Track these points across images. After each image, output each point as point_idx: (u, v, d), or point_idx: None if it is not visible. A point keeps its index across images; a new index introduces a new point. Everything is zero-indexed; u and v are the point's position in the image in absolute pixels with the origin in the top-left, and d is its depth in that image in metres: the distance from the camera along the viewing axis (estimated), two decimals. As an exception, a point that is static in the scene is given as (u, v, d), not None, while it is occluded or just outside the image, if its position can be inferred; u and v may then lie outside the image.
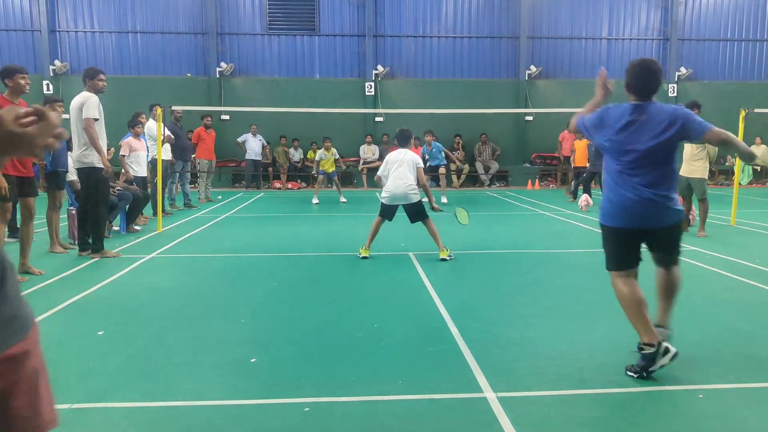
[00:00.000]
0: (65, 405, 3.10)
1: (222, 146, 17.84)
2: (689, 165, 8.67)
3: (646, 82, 3.68)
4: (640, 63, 3.76)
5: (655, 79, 3.70)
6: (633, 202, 3.57)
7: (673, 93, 19.33)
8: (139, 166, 9.62)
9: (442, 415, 3.01)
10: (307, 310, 4.87)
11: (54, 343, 4.06)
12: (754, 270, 6.33)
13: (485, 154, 18.35)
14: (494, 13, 19.13)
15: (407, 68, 19.07)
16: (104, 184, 6.86)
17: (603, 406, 3.09)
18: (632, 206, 3.58)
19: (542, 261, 6.90)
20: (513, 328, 4.38)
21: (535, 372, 3.54)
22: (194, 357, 3.79)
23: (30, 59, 17.96)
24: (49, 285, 5.70)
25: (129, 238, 8.39)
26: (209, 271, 6.33)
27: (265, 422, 2.94)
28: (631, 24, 19.37)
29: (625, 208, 3.61)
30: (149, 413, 3.03)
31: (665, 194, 3.58)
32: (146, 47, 18.48)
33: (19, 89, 5.81)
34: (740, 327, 4.41)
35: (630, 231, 3.68)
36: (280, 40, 18.79)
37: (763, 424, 2.92)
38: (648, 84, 3.68)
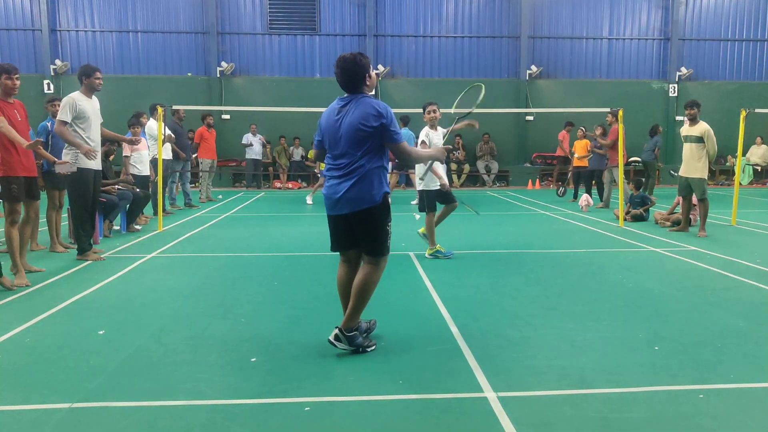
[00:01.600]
0: (66, 404, 3.10)
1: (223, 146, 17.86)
2: (689, 165, 8.67)
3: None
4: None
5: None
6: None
7: (673, 93, 19.35)
8: (142, 165, 9.62)
9: (443, 414, 3.01)
10: (307, 310, 4.88)
11: (55, 342, 4.07)
12: (754, 270, 6.33)
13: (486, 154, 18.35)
14: (495, 13, 19.14)
15: (408, 68, 19.07)
16: (80, 186, 6.64)
17: (603, 406, 3.09)
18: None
19: (542, 261, 6.90)
20: (513, 328, 4.38)
21: (536, 372, 3.54)
22: (195, 356, 3.80)
23: (31, 58, 18.00)
24: (50, 284, 5.71)
25: (129, 238, 8.40)
26: (210, 271, 6.33)
27: (266, 421, 2.94)
28: (631, 24, 19.36)
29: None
30: (150, 412, 3.03)
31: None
32: (147, 46, 18.50)
33: (8, 90, 5.77)
34: (741, 327, 4.41)
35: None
36: (281, 39, 18.80)
37: (764, 425, 2.92)
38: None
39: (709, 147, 8.50)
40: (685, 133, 8.79)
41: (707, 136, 8.49)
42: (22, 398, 3.19)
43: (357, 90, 3.89)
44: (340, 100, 3.94)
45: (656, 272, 6.26)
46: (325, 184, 4.00)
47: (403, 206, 12.56)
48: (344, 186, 3.84)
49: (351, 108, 3.84)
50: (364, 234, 3.92)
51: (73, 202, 6.76)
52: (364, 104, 3.83)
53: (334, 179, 3.90)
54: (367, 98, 3.90)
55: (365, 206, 3.85)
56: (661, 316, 4.70)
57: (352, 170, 3.84)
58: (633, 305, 5.00)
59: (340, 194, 3.85)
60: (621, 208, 9.86)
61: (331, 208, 3.98)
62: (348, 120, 3.82)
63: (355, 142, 3.81)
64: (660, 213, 10.02)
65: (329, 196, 3.94)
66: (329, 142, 3.94)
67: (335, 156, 3.92)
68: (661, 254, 7.28)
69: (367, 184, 3.85)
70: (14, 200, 5.75)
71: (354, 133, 3.79)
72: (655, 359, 3.76)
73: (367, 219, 3.89)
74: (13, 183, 5.74)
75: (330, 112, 3.98)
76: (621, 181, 10.07)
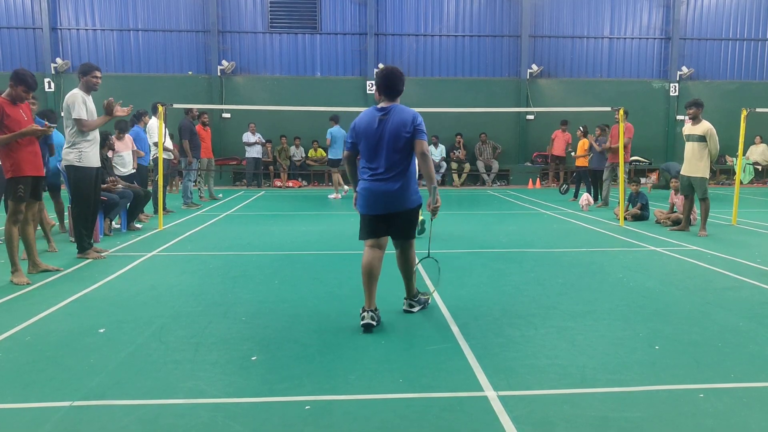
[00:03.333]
0: (66, 402, 3.10)
1: (223, 144, 17.87)
2: (691, 164, 8.66)
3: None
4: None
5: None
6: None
7: (674, 92, 19.33)
8: (124, 167, 9.55)
9: (443, 413, 3.01)
10: (308, 309, 4.88)
11: (55, 340, 4.07)
12: (755, 269, 6.33)
13: (486, 153, 18.35)
14: (496, 12, 19.12)
15: (408, 67, 19.04)
16: (82, 185, 6.63)
17: (604, 405, 3.09)
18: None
19: (543, 260, 6.90)
20: (514, 327, 4.38)
21: (536, 371, 3.55)
22: (195, 355, 3.80)
23: (31, 57, 17.98)
24: (50, 282, 5.71)
25: (130, 236, 8.40)
26: (210, 269, 6.33)
27: (266, 420, 2.94)
28: (632, 23, 19.34)
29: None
30: (150, 411, 3.03)
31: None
32: (148, 45, 18.49)
33: (18, 97, 5.76)
34: (741, 326, 4.41)
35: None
36: (282, 38, 18.79)
37: (764, 424, 2.91)
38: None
39: (712, 146, 8.49)
40: (687, 132, 8.77)
41: (710, 135, 8.48)
42: (23, 396, 3.19)
43: (395, 97, 4.47)
44: (378, 110, 4.41)
45: (657, 271, 6.26)
46: (366, 185, 4.42)
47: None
48: (389, 187, 4.34)
49: (391, 116, 4.35)
50: (405, 226, 4.55)
51: (74, 201, 6.76)
52: (402, 112, 4.37)
53: (378, 182, 4.36)
54: (401, 106, 4.45)
55: (409, 207, 4.44)
56: (662, 315, 4.70)
57: (395, 173, 4.34)
58: (633, 304, 5.00)
59: (386, 195, 4.35)
60: (621, 207, 9.86)
61: (373, 208, 4.42)
62: (390, 127, 4.32)
63: (397, 147, 4.30)
64: (661, 211, 10.02)
65: (373, 196, 4.38)
66: (369, 147, 4.38)
67: (376, 159, 4.37)
68: (662, 253, 7.28)
69: (408, 185, 4.41)
70: (20, 200, 5.74)
71: (396, 139, 4.30)
72: (655, 358, 3.76)
73: (409, 215, 4.51)
74: (20, 183, 5.71)
75: (370, 120, 4.41)
76: (621, 180, 10.07)
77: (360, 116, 4.49)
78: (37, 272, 6.03)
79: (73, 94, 6.51)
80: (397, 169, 4.34)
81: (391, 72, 4.47)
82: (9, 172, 5.67)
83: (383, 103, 4.47)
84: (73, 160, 6.54)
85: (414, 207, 4.49)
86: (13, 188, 5.70)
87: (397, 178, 4.34)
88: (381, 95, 4.50)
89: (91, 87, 6.67)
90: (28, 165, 5.75)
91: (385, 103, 4.46)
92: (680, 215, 9.43)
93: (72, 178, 6.63)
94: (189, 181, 12.18)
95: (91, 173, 6.68)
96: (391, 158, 4.33)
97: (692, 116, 8.65)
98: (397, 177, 4.34)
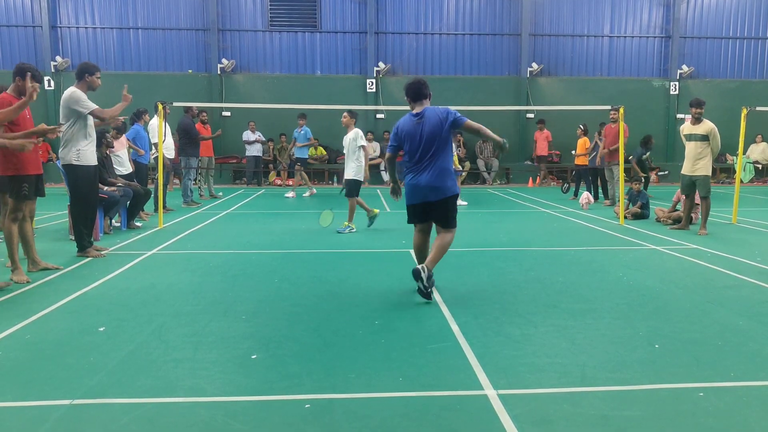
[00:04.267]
0: (66, 401, 3.10)
1: (223, 143, 17.84)
2: (693, 163, 8.63)
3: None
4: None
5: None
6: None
7: (674, 91, 19.32)
8: (122, 166, 9.53)
9: (443, 412, 3.01)
10: (308, 307, 4.87)
11: (55, 338, 4.07)
12: (755, 268, 6.33)
13: (486, 152, 18.35)
14: (496, 11, 19.11)
15: (408, 65, 19.05)
16: (82, 183, 6.63)
17: (604, 404, 3.09)
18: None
19: (543, 258, 6.89)
20: (514, 326, 4.38)
21: (536, 369, 3.55)
22: (195, 353, 3.80)
23: (31, 55, 17.96)
24: (50, 281, 5.71)
25: (130, 235, 8.40)
26: (210, 268, 6.33)
27: (266, 419, 2.94)
28: (633, 22, 19.33)
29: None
30: (150, 409, 3.03)
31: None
32: (147, 43, 18.48)
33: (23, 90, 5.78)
34: (741, 325, 4.41)
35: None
36: (282, 36, 18.78)
37: (764, 423, 2.91)
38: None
39: (714, 146, 8.47)
40: (688, 132, 8.73)
41: (713, 135, 8.45)
42: (23, 395, 3.19)
43: (424, 101, 5.22)
44: (414, 116, 5.17)
45: (657, 270, 6.26)
46: (410, 180, 5.16)
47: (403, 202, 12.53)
48: (430, 180, 5.03)
49: (426, 119, 5.08)
50: (444, 213, 5.15)
51: (74, 200, 6.75)
52: (433, 112, 5.10)
53: (422, 174, 5.07)
54: (432, 107, 5.17)
55: (449, 194, 5.10)
56: (662, 314, 4.70)
57: (433, 168, 5.03)
58: (633, 303, 5.00)
59: (427, 187, 5.04)
60: (621, 206, 9.86)
61: (418, 198, 5.14)
62: (427, 129, 5.04)
63: (435, 145, 5.02)
64: (661, 210, 10.02)
65: (416, 189, 5.11)
66: (411, 147, 5.13)
67: (419, 156, 5.08)
68: (662, 252, 7.28)
69: (448, 176, 5.09)
70: (24, 199, 5.72)
71: (433, 138, 5.02)
72: (655, 357, 3.76)
73: (448, 203, 5.13)
74: (24, 182, 5.70)
75: (410, 124, 5.16)
76: (621, 179, 10.07)
77: (401, 123, 5.23)
78: (36, 270, 6.03)
79: (75, 90, 6.49)
80: (436, 164, 5.03)
81: (415, 82, 5.27)
82: (11, 171, 5.65)
83: (416, 108, 5.20)
84: (72, 159, 6.52)
85: (451, 195, 5.11)
86: (17, 187, 5.68)
87: (436, 172, 5.02)
88: (412, 102, 5.24)
89: (93, 87, 6.67)
90: (30, 163, 5.75)
91: (418, 108, 5.19)
92: (681, 214, 9.43)
93: (71, 177, 6.62)
94: (189, 180, 12.18)
95: (90, 171, 6.68)
96: (429, 155, 5.03)
97: (698, 116, 8.59)
98: (435, 171, 5.02)
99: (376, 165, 18.26)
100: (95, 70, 6.66)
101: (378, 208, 9.55)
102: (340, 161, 18.52)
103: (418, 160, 5.10)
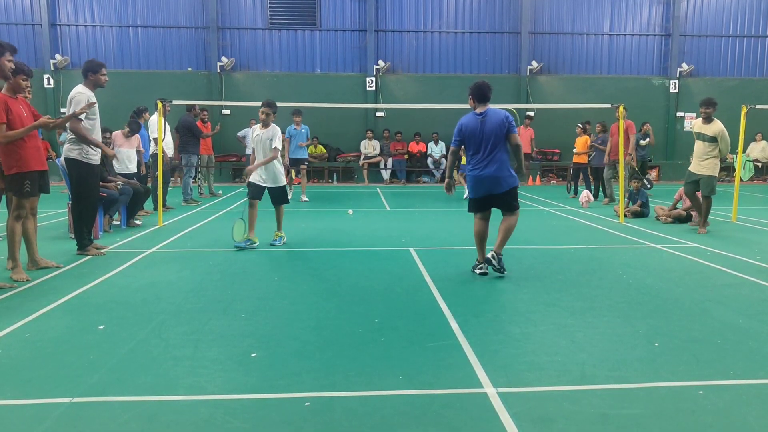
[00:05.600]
0: (66, 399, 3.10)
1: (223, 141, 17.84)
2: (700, 162, 8.60)
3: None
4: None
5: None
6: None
7: (674, 89, 19.31)
8: (119, 164, 9.50)
9: (443, 410, 3.01)
10: (307, 305, 4.88)
11: (55, 337, 4.07)
12: (754, 266, 6.33)
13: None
14: (496, 9, 19.10)
15: (408, 63, 19.04)
16: (86, 181, 6.61)
17: (603, 402, 3.09)
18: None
19: (543, 257, 6.90)
20: (514, 324, 4.38)
21: (536, 367, 3.55)
22: (195, 351, 3.80)
23: (31, 53, 17.96)
24: (50, 279, 5.71)
25: (130, 233, 8.40)
26: (210, 266, 6.33)
27: (266, 417, 2.94)
28: (633, 20, 19.32)
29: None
30: (150, 407, 3.03)
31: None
32: (147, 41, 18.47)
33: (18, 89, 5.77)
34: (741, 323, 4.41)
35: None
36: (281, 34, 18.76)
37: (763, 421, 2.92)
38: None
39: (723, 147, 8.44)
40: (697, 131, 8.68)
41: (721, 137, 8.41)
42: (23, 393, 3.19)
43: (486, 102, 5.81)
44: (477, 114, 5.77)
45: (656, 268, 6.26)
46: (474, 174, 5.79)
47: (404, 201, 12.56)
48: (496, 172, 5.69)
49: (488, 118, 5.73)
50: (509, 201, 5.87)
51: (77, 197, 6.74)
52: (496, 113, 5.77)
53: (487, 168, 5.71)
54: (493, 108, 5.82)
55: (514, 185, 5.83)
56: (661, 312, 4.71)
57: (494, 162, 5.70)
58: (633, 301, 5.01)
59: (489, 179, 5.72)
60: (621, 205, 9.86)
61: (482, 190, 5.80)
62: (489, 127, 5.69)
63: (496, 142, 5.69)
64: (661, 208, 10.02)
65: (480, 181, 5.76)
66: (474, 144, 5.76)
67: (482, 152, 5.72)
68: (662, 250, 7.28)
69: (506, 168, 5.77)
70: (27, 196, 5.71)
71: (494, 136, 5.68)
72: (655, 355, 3.76)
73: (512, 192, 5.85)
74: (27, 179, 5.68)
75: (473, 123, 5.77)
76: (621, 177, 10.06)
77: (464, 120, 5.82)
78: (36, 269, 6.02)
79: (80, 92, 6.47)
80: (495, 158, 5.69)
81: (481, 85, 5.84)
82: (14, 168, 5.63)
83: (479, 108, 5.79)
84: (79, 156, 6.53)
85: (512, 187, 5.82)
86: (20, 184, 5.67)
87: (496, 164, 5.68)
88: (476, 102, 5.81)
89: (99, 84, 6.65)
90: (33, 160, 5.73)
91: (481, 108, 5.78)
92: (682, 212, 9.42)
93: (75, 175, 6.61)
94: (189, 178, 12.18)
95: (95, 170, 6.70)
96: (489, 150, 5.68)
97: (707, 116, 8.53)
98: (496, 164, 5.68)
99: (376, 163, 18.28)
100: (99, 67, 6.63)
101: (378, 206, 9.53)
102: (340, 159, 18.56)
103: (480, 155, 5.72)
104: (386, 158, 18.20)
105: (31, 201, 5.90)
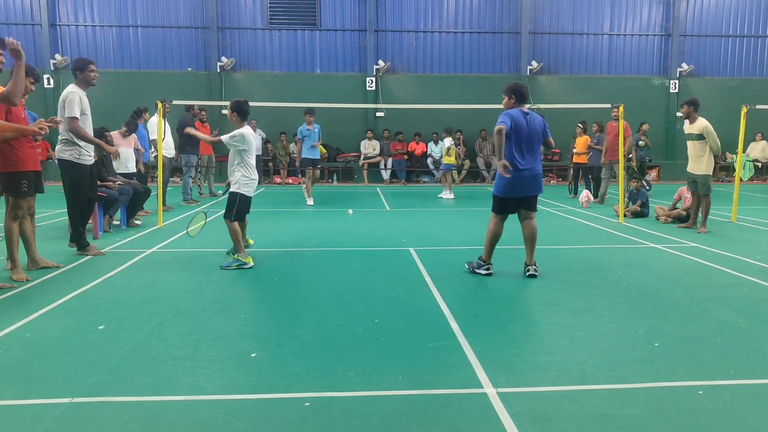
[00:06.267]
0: (66, 399, 3.10)
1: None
2: (693, 162, 8.63)
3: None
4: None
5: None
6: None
7: (674, 89, 19.31)
8: (118, 163, 9.48)
9: (443, 410, 3.01)
10: (307, 305, 4.88)
11: (54, 337, 4.07)
12: (754, 266, 6.33)
13: (486, 150, 18.34)
14: (496, 9, 19.09)
15: (408, 63, 19.03)
16: (78, 182, 6.59)
17: (603, 402, 3.09)
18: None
19: (542, 257, 6.88)
20: (514, 324, 4.38)
21: (536, 367, 3.55)
22: (194, 351, 3.80)
23: (30, 53, 17.93)
24: (50, 279, 5.71)
25: (130, 233, 8.40)
26: (210, 266, 6.32)
27: (266, 417, 2.94)
28: (632, 20, 19.32)
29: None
30: (150, 407, 3.03)
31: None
32: (147, 41, 18.46)
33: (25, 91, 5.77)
34: (741, 323, 4.41)
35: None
36: (281, 34, 18.76)
37: (763, 421, 2.92)
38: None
39: (711, 143, 8.48)
40: (686, 131, 8.81)
41: (707, 132, 8.47)
42: (22, 393, 3.19)
43: (525, 103, 5.89)
44: (524, 113, 5.78)
45: (656, 268, 6.26)
46: (520, 173, 5.70)
47: (404, 201, 12.57)
48: (535, 172, 5.78)
49: (532, 118, 5.80)
50: (536, 201, 5.95)
51: (71, 198, 6.72)
52: (535, 115, 5.85)
53: (532, 168, 5.76)
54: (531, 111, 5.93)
55: (541, 190, 5.96)
56: (661, 312, 4.71)
57: (539, 161, 5.85)
58: (633, 301, 5.01)
59: (536, 178, 5.81)
60: (621, 205, 9.86)
61: (521, 191, 5.81)
62: (533, 126, 5.77)
63: (539, 141, 5.82)
64: (661, 208, 10.02)
65: (526, 181, 5.77)
66: (520, 140, 5.71)
67: (527, 149, 5.74)
68: (662, 250, 7.28)
69: (541, 171, 5.91)
70: (24, 195, 5.71)
71: (536, 134, 5.77)
72: (654, 355, 3.76)
73: (537, 196, 5.96)
74: (23, 179, 5.68)
75: (521, 117, 5.74)
76: (621, 177, 10.06)
77: (513, 113, 5.73)
78: (36, 269, 6.02)
79: (72, 92, 6.44)
80: (536, 157, 5.81)
81: (523, 86, 5.98)
82: (10, 168, 5.63)
83: (523, 108, 5.84)
84: (71, 157, 6.50)
85: (541, 191, 5.97)
86: (16, 184, 5.67)
87: (537, 164, 5.80)
88: (516, 102, 5.83)
89: (90, 82, 6.60)
90: (29, 159, 5.73)
91: (524, 108, 5.85)
92: (681, 212, 9.43)
93: (68, 176, 6.58)
94: (188, 178, 12.18)
95: (87, 171, 6.67)
96: (532, 147, 5.77)
97: (685, 115, 8.68)
98: (537, 164, 5.79)
99: (376, 163, 18.27)
100: (87, 64, 6.54)
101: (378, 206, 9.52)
102: (340, 159, 18.55)
103: (524, 152, 5.73)
104: (386, 158, 18.20)
105: (28, 201, 5.89)
